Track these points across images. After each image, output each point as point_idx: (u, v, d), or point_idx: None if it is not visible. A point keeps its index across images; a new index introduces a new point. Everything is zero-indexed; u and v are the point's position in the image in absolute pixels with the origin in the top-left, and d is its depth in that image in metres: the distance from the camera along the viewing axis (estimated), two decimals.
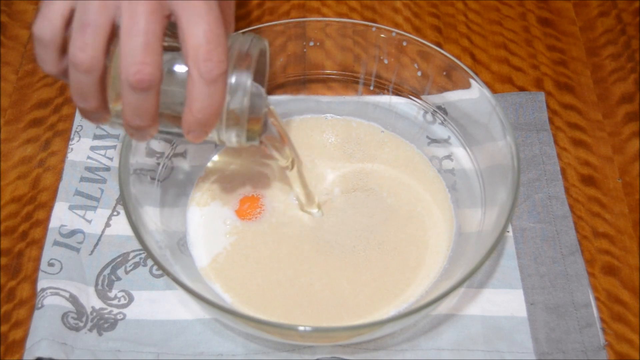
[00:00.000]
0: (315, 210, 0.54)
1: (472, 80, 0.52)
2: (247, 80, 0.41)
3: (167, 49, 0.39)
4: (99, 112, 0.41)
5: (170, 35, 0.40)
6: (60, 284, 0.50)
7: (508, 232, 0.54)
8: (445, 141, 0.57)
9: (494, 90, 0.62)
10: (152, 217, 0.50)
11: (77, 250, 0.53)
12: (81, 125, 0.59)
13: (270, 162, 0.57)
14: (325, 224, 0.54)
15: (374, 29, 0.56)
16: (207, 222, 0.54)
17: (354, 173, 0.57)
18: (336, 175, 0.57)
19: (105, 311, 0.50)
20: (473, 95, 0.53)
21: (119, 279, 0.52)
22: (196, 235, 0.53)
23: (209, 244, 0.53)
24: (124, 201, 0.46)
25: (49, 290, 0.50)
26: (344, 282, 0.51)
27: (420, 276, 0.51)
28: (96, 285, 0.51)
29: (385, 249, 0.52)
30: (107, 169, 0.57)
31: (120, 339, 0.49)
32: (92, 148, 0.58)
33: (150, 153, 0.53)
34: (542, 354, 0.48)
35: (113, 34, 0.38)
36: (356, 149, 0.58)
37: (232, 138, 0.43)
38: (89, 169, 0.57)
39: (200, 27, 0.38)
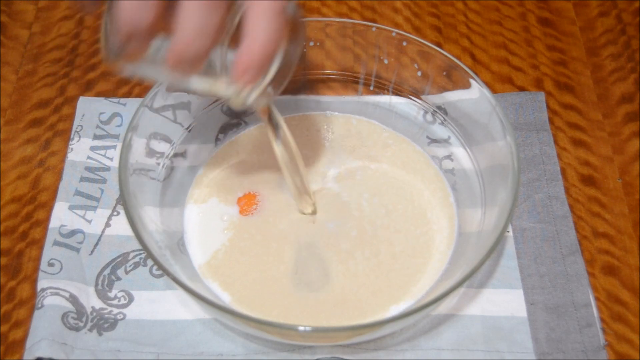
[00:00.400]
0: (311, 210, 0.54)
1: (472, 80, 0.52)
2: (300, 42, 0.41)
3: None
4: (147, 36, 0.37)
5: None
6: (60, 284, 0.50)
7: (508, 232, 0.54)
8: (445, 141, 0.57)
9: (494, 90, 0.62)
10: (151, 217, 0.50)
11: (77, 250, 0.53)
12: (81, 125, 0.59)
13: (267, 156, 0.57)
14: (322, 222, 0.54)
15: (374, 29, 0.56)
16: (204, 220, 0.54)
17: (353, 170, 0.57)
18: (335, 172, 0.57)
19: (105, 311, 0.50)
20: (473, 95, 0.53)
21: (119, 279, 0.52)
22: (194, 232, 0.53)
23: (207, 240, 0.53)
24: (124, 201, 0.46)
25: (49, 290, 0.50)
26: (343, 281, 0.51)
27: (421, 276, 0.51)
28: (96, 285, 0.51)
29: (384, 247, 0.52)
30: (107, 169, 0.57)
31: (120, 339, 0.49)
32: (92, 148, 0.58)
33: (150, 153, 0.53)
34: (542, 354, 0.48)
35: None
36: (356, 146, 0.58)
37: (255, 96, 0.42)
38: (89, 169, 0.57)
39: None
